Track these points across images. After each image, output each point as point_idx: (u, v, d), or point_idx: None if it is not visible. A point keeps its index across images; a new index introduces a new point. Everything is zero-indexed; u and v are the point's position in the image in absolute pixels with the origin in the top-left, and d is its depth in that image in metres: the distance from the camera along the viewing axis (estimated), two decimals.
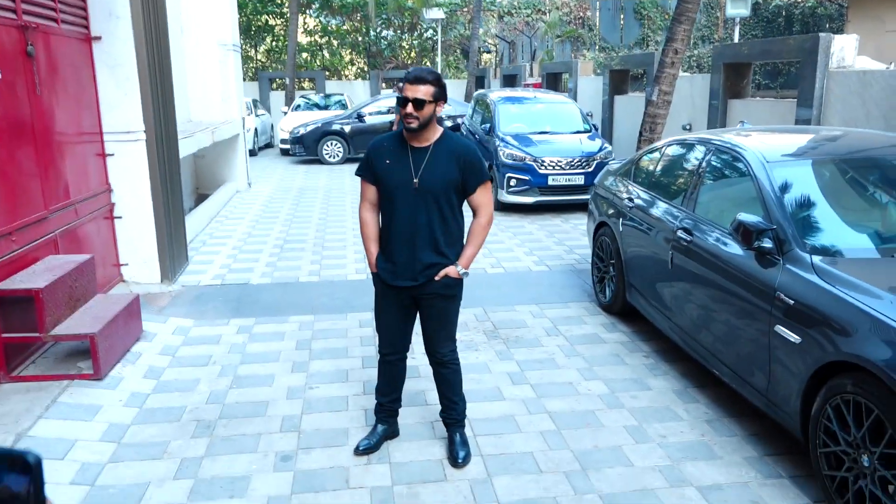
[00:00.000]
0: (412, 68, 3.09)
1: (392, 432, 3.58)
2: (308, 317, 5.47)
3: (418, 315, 3.35)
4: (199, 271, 6.77)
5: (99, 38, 5.69)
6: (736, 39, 13.25)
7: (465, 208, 3.25)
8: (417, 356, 4.53)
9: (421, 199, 3.07)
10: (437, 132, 3.14)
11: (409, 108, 2.98)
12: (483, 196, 3.21)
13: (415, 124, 3.01)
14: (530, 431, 3.67)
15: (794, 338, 3.11)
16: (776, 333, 3.23)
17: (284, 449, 3.49)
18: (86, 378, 4.09)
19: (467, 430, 3.63)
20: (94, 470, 3.28)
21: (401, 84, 3.11)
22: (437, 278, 3.16)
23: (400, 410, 3.75)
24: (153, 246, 6.12)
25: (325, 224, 9.04)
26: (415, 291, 3.21)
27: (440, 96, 3.05)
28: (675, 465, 3.36)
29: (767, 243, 3.42)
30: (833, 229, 3.56)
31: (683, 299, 4.22)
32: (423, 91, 2.99)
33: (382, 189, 3.15)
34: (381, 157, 3.13)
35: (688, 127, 10.62)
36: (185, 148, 7.94)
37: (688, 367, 4.44)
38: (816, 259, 3.24)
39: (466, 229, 3.27)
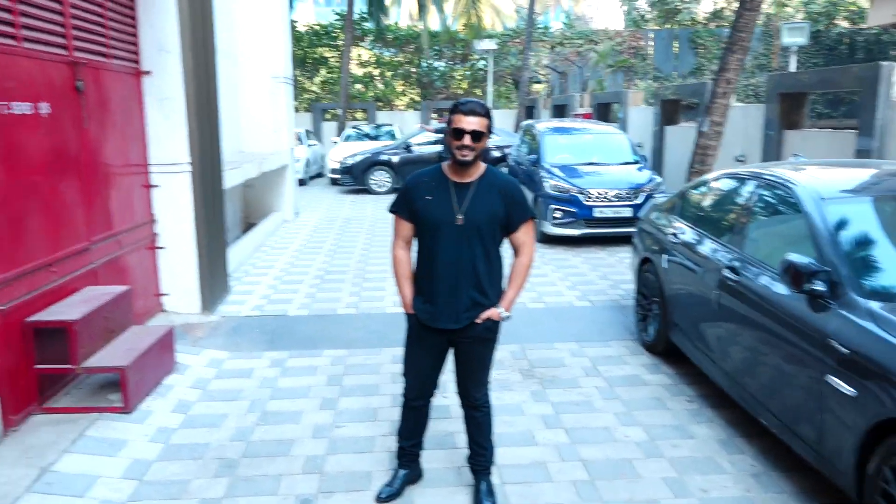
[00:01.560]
0: (462, 100, 3.00)
1: (414, 476, 3.44)
2: (342, 351, 5.41)
3: (452, 357, 3.23)
4: (239, 301, 6.81)
5: (149, 73, 5.84)
6: (793, 68, 12.85)
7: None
8: (450, 395, 4.41)
9: (464, 236, 2.98)
10: (480, 168, 3.06)
11: (467, 140, 2.90)
12: (526, 235, 3.11)
13: (470, 157, 2.93)
14: (561, 481, 3.48)
15: (848, 390, 2.87)
16: (828, 384, 2.99)
17: (305, 492, 3.39)
18: (115, 411, 4.09)
19: (495, 477, 3.46)
20: None
21: (447, 115, 3.01)
22: (478, 321, 3.05)
23: (426, 452, 3.63)
24: (194, 277, 6.18)
25: (367, 254, 9.03)
26: (454, 335, 3.10)
27: (491, 128, 2.98)
28: None
29: (819, 286, 3.19)
30: (893, 272, 3.30)
31: (729, 342, 3.99)
32: (480, 123, 2.92)
33: (422, 226, 3.05)
34: (421, 193, 3.04)
35: (742, 159, 10.30)
36: (232, 179, 8.06)
37: (734, 415, 4.18)
38: (874, 305, 3.00)
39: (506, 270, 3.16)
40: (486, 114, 2.95)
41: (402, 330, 3.30)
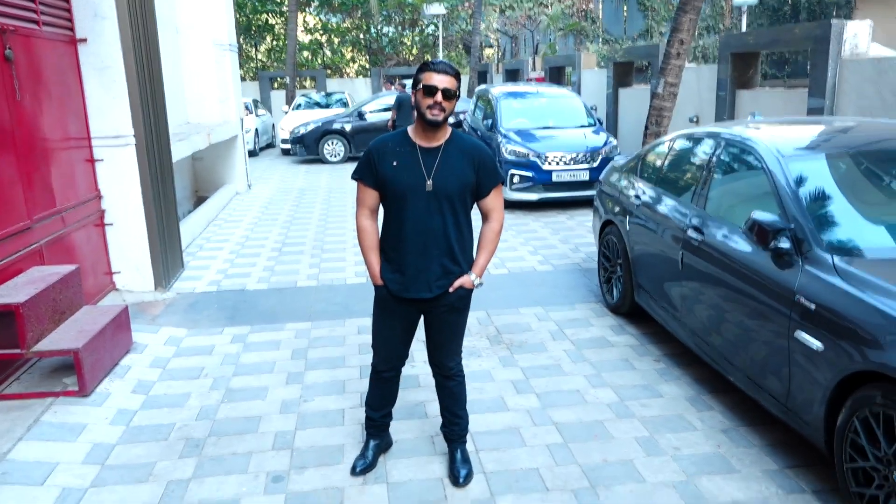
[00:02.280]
0: (434, 59, 2.90)
1: (385, 445, 3.41)
2: (305, 324, 5.30)
3: (423, 327, 3.16)
4: (194, 277, 6.61)
5: (84, 41, 5.52)
6: (744, 29, 12.98)
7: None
8: (418, 364, 4.37)
9: (435, 202, 2.88)
10: (447, 131, 2.96)
11: (440, 97, 2.79)
12: (496, 199, 3.04)
13: (441, 117, 2.82)
14: (536, 445, 3.48)
15: (816, 345, 2.91)
16: (796, 339, 3.03)
17: (276, 469, 3.32)
18: (71, 395, 3.92)
19: (469, 445, 3.45)
20: (75, 496, 3.11)
21: (415, 77, 2.87)
22: (451, 289, 2.99)
23: (398, 423, 3.59)
24: (146, 253, 5.96)
25: (324, 225, 8.87)
26: (426, 305, 3.02)
27: (458, 92, 2.89)
28: (689, 479, 3.16)
29: (785, 243, 3.22)
30: (853, 226, 3.35)
31: (694, 300, 4.03)
32: (451, 82, 2.82)
33: (390, 193, 2.94)
34: (387, 159, 2.92)
35: (695, 119, 10.39)
36: (180, 151, 7.77)
37: (701, 372, 4.25)
38: (838, 259, 3.03)
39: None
40: (457, 75, 2.86)
41: (365, 300, 3.25)
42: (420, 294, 2.97)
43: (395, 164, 2.90)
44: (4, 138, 4.33)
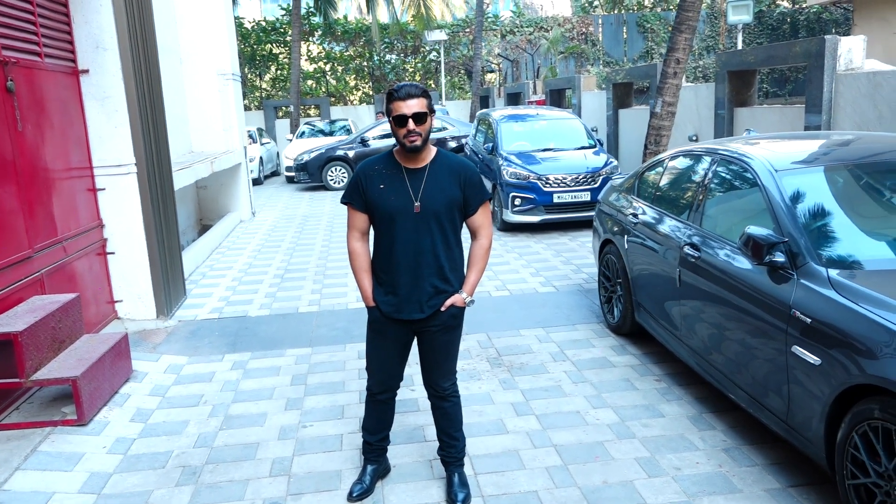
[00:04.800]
0: (396, 85, 2.90)
1: (383, 470, 3.37)
2: (305, 349, 5.29)
3: (416, 348, 3.15)
4: (196, 305, 6.62)
5: (86, 72, 5.61)
6: (739, 47, 13.06)
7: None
8: (417, 388, 4.35)
9: (423, 222, 2.90)
10: (431, 151, 2.98)
11: (412, 125, 2.81)
12: (484, 217, 3.04)
13: (419, 141, 2.84)
14: (535, 468, 3.44)
15: (813, 359, 2.88)
16: (793, 354, 3.01)
17: (273, 495, 3.29)
18: (69, 424, 3.91)
19: (467, 468, 3.41)
20: None
21: (386, 106, 2.92)
22: (443, 308, 2.98)
23: (396, 448, 3.56)
24: (147, 281, 5.98)
25: (327, 251, 8.89)
26: (418, 325, 3.02)
27: (432, 108, 2.90)
28: (691, 500, 3.12)
29: (779, 257, 3.21)
30: (850, 240, 3.33)
31: (694, 319, 4.00)
32: (419, 104, 2.83)
33: (378, 216, 2.96)
34: (374, 182, 2.94)
35: (694, 138, 10.42)
36: (182, 179, 7.83)
37: (703, 392, 4.21)
38: (833, 273, 3.01)
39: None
40: (424, 93, 2.87)
41: (365, 325, 3.20)
42: (412, 314, 2.97)
43: (382, 186, 2.92)
44: (6, 168, 4.38)
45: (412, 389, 4.36)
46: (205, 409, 4.30)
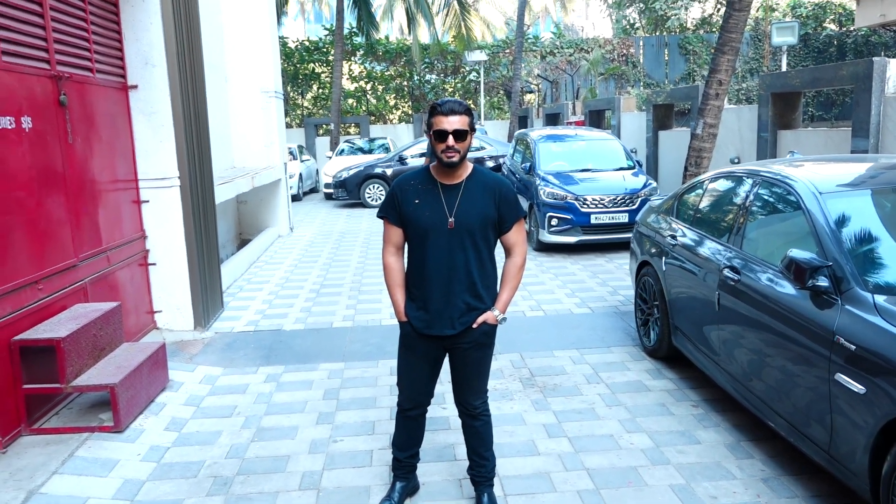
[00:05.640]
0: (440, 100, 2.93)
1: (412, 488, 3.35)
2: (338, 364, 5.31)
3: (448, 365, 3.15)
4: (233, 318, 6.72)
5: (135, 87, 5.77)
6: (783, 69, 12.87)
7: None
8: (449, 406, 4.33)
9: (457, 239, 2.91)
10: (468, 168, 3.00)
11: (451, 141, 2.83)
12: (518, 234, 3.04)
13: (457, 158, 2.86)
14: (566, 491, 3.38)
15: (857, 387, 2.79)
16: (836, 382, 2.91)
17: None
18: (106, 430, 3.99)
19: (497, 489, 3.37)
20: None
21: (428, 119, 2.93)
22: (475, 325, 2.98)
23: (426, 465, 3.54)
24: (186, 292, 6.09)
25: (363, 267, 8.95)
26: (449, 341, 3.02)
27: (473, 126, 2.92)
28: None
29: (823, 282, 3.12)
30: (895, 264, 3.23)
31: (733, 344, 3.91)
32: (461, 121, 2.85)
33: (412, 231, 2.98)
34: (409, 197, 2.97)
35: (736, 160, 10.24)
36: (223, 194, 7.99)
37: (741, 419, 4.10)
38: (879, 298, 2.92)
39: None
40: (467, 111, 2.88)
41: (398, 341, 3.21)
42: (444, 331, 2.97)
43: (417, 202, 2.94)
44: (56, 179, 4.53)
45: (443, 407, 4.34)
46: (238, 420, 4.34)
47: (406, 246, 3.09)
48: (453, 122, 2.83)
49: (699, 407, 4.32)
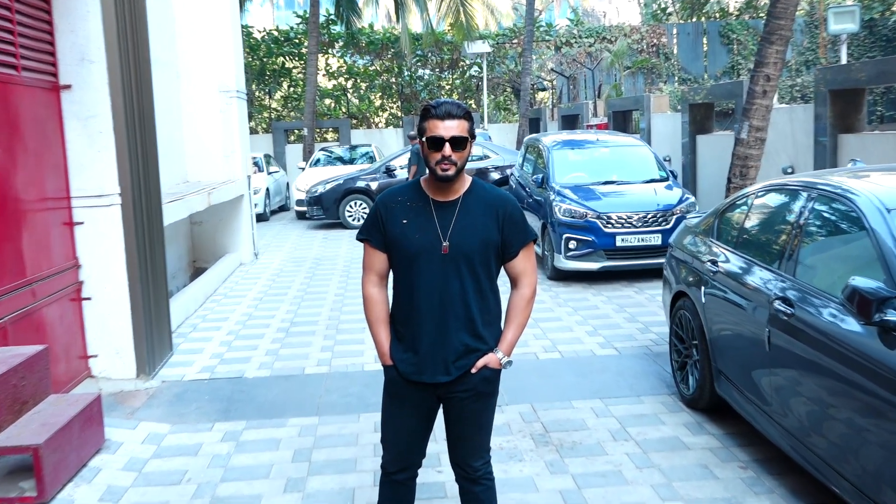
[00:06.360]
0: (434, 101, 2.94)
1: None
2: (311, 419, 5.31)
3: (442, 418, 3.14)
4: (184, 363, 6.71)
5: (69, 87, 5.83)
6: (843, 61, 13.01)
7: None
8: (445, 468, 4.31)
9: (452, 266, 2.92)
10: (466, 182, 3.02)
11: (448, 151, 2.84)
12: (527, 261, 3.06)
13: (453, 171, 2.88)
14: None
15: None
16: None
17: None
18: (28, 502, 3.96)
19: None
20: None
21: (419, 124, 2.96)
22: (474, 370, 2.98)
23: None
24: (128, 333, 6.09)
25: (341, 302, 8.97)
26: (444, 389, 3.02)
27: (473, 133, 2.94)
28: None
29: (893, 315, 3.13)
30: None
31: (788, 391, 3.91)
32: (459, 127, 2.87)
33: (399, 256, 3.00)
34: (395, 216, 2.99)
35: (789, 170, 10.33)
36: (174, 213, 8.03)
37: (799, 483, 4.09)
38: None
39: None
40: (466, 114, 2.90)
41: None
42: (436, 377, 2.97)
43: (405, 221, 2.95)
44: None
45: (438, 471, 4.33)
46: (188, 488, 4.32)
47: (391, 274, 3.09)
48: (450, 128, 2.86)
49: (749, 469, 4.32)
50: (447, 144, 2.84)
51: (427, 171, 2.97)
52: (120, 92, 5.95)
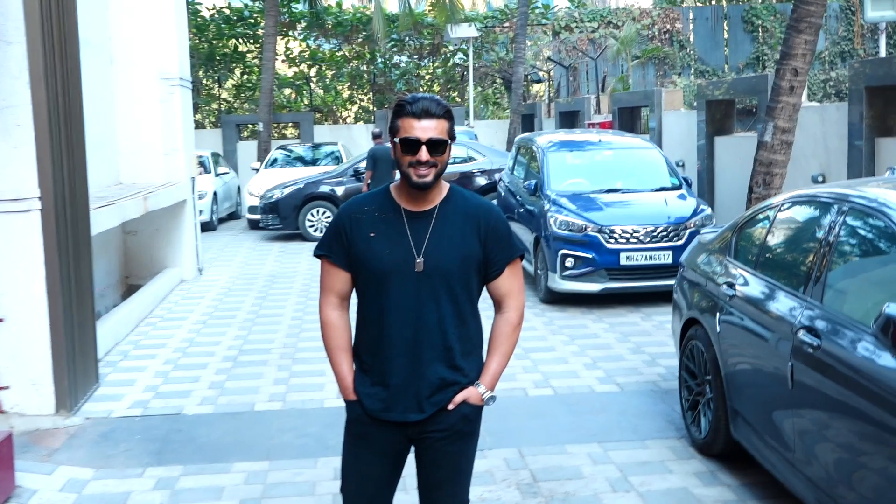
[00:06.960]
0: (409, 97, 2.95)
1: None
2: (261, 464, 5.30)
3: (414, 462, 3.15)
4: (112, 396, 6.69)
5: None
6: (882, 53, 13.20)
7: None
8: None
9: (428, 287, 2.93)
10: (443, 189, 3.04)
11: (424, 155, 2.85)
12: (513, 280, 3.07)
13: (430, 177, 2.89)
14: None
15: None
16: None
17: None
18: None
19: None
20: None
21: (392, 122, 2.96)
22: (451, 406, 2.99)
23: None
24: (46, 361, 6.05)
25: (299, 326, 8.96)
26: (416, 429, 3.02)
27: (453, 134, 2.97)
28: None
29: None
30: None
31: (814, 436, 3.95)
32: (438, 128, 2.88)
33: (366, 275, 3.00)
34: (361, 228, 2.99)
35: (820, 178, 10.46)
36: (104, 221, 8.01)
37: None
38: None
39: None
40: (446, 113, 2.92)
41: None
42: (408, 415, 2.97)
43: (372, 234, 2.97)
44: None
45: None
46: None
47: (355, 295, 3.10)
48: (427, 129, 2.87)
49: None
50: (423, 148, 2.86)
51: (388, 177, 2.98)
52: (42, 79, 5.94)
